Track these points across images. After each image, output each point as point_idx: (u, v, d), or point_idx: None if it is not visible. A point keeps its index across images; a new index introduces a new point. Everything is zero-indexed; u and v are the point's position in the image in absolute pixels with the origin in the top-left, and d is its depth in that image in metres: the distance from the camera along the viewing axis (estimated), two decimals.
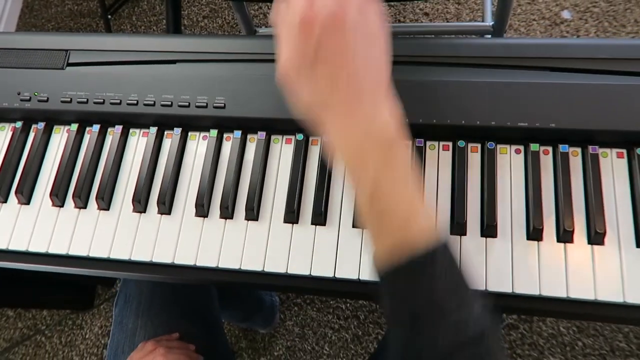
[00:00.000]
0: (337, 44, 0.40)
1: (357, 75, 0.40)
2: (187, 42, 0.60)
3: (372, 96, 0.41)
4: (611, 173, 0.53)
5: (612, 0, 1.47)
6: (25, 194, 0.59)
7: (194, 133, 0.60)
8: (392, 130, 0.41)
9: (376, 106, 0.41)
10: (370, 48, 0.41)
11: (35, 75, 0.61)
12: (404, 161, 0.41)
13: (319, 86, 0.41)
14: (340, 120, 0.41)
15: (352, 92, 0.40)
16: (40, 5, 1.79)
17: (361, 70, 0.40)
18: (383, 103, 0.41)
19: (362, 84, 0.40)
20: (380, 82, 0.41)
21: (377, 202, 0.40)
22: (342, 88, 0.40)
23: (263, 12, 1.62)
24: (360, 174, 0.41)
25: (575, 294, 0.49)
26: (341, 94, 0.40)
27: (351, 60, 0.40)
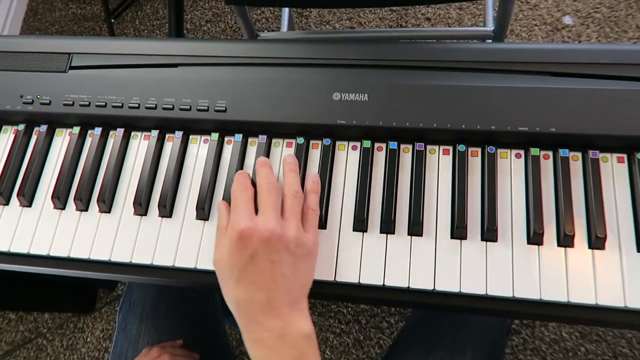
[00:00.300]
0: (269, 258, 0.47)
1: (278, 288, 0.47)
2: (189, 46, 0.61)
3: (288, 307, 0.47)
4: (611, 178, 0.53)
5: (614, 6, 1.47)
6: (27, 197, 0.59)
7: (195, 136, 0.60)
8: (304, 336, 0.47)
9: (291, 314, 0.47)
10: (297, 270, 0.49)
11: (38, 78, 0.61)
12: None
13: (244, 288, 0.48)
14: (260, 322, 0.47)
15: (272, 300, 0.47)
16: (44, 8, 1.80)
17: (283, 284, 0.47)
18: (298, 314, 0.48)
19: (281, 295, 0.47)
20: (297, 299, 0.49)
21: None
22: (263, 296, 0.47)
23: (265, 17, 1.63)
24: None
25: (575, 298, 0.49)
26: (262, 300, 0.47)
27: (277, 274, 0.47)
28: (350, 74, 0.57)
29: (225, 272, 0.49)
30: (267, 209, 0.50)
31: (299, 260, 0.49)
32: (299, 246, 0.49)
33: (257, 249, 0.47)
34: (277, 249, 0.48)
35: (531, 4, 1.51)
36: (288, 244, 0.48)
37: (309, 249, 0.50)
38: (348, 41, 0.59)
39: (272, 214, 0.50)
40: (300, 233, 0.50)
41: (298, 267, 0.49)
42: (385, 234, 0.53)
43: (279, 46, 0.59)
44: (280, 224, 0.49)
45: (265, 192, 0.51)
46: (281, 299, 0.47)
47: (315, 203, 0.53)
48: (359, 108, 0.55)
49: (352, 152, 0.57)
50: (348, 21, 1.58)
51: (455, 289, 0.50)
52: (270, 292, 0.47)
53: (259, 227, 0.48)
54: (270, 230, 0.48)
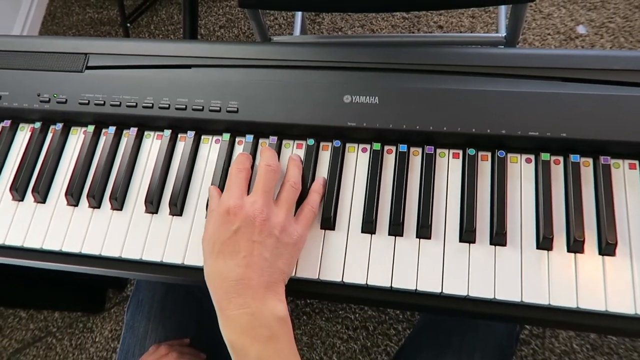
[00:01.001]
0: (250, 238, 0.48)
1: (255, 267, 0.48)
2: (202, 47, 0.61)
3: (264, 288, 0.48)
4: (623, 184, 0.53)
5: (629, 16, 1.47)
6: (41, 193, 0.60)
7: (207, 136, 0.61)
8: (277, 318, 0.47)
9: (266, 295, 0.47)
10: (278, 255, 0.49)
11: (55, 77, 0.63)
12: (288, 344, 0.47)
13: (223, 261, 0.48)
14: (233, 298, 0.47)
15: (247, 277, 0.47)
16: (62, 13, 1.83)
17: (260, 264, 0.48)
18: (273, 296, 0.48)
19: (257, 275, 0.48)
20: (273, 282, 0.48)
21: None
22: (240, 272, 0.47)
23: (278, 23, 1.64)
24: (244, 351, 0.46)
25: (585, 304, 0.48)
26: (238, 275, 0.47)
27: (257, 254, 0.48)
28: (361, 76, 0.57)
29: (208, 247, 0.50)
30: (258, 190, 0.51)
31: (282, 247, 0.49)
32: (283, 233, 0.50)
33: (240, 226, 0.49)
34: (260, 230, 0.49)
35: (544, 13, 1.51)
36: (272, 229, 0.49)
37: (294, 239, 0.50)
38: (359, 45, 0.59)
39: (262, 195, 0.51)
40: (287, 222, 0.50)
41: (280, 252, 0.49)
42: (393, 236, 0.53)
43: (290, 49, 0.60)
44: (268, 207, 0.50)
45: (262, 173, 0.52)
46: (257, 278, 0.47)
47: (315, 202, 0.54)
48: (369, 111, 0.56)
49: (361, 154, 0.58)
50: (360, 28, 1.59)
51: (463, 293, 0.50)
52: (247, 268, 0.47)
53: (246, 206, 0.50)
54: (257, 211, 0.49)
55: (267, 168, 0.52)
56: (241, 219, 0.49)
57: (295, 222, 0.52)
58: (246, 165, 0.54)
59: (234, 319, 0.47)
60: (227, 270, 0.48)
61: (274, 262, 0.49)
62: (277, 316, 0.47)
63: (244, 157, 0.55)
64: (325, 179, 0.56)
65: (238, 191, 0.51)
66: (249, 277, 0.47)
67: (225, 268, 0.48)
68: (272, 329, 0.47)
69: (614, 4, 1.49)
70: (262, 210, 0.49)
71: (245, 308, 0.46)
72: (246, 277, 0.47)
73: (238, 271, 0.47)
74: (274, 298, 0.48)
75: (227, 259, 0.48)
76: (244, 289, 0.47)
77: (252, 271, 0.48)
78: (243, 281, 0.47)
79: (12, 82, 0.63)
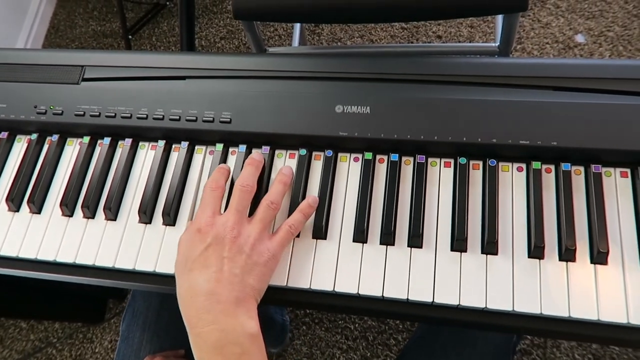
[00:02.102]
0: (221, 254, 0.49)
1: (225, 282, 0.48)
2: (196, 59, 0.62)
3: (234, 303, 0.47)
4: (615, 192, 0.53)
5: (627, 25, 1.47)
6: (36, 204, 0.60)
7: (200, 147, 0.61)
8: (248, 335, 0.47)
9: (236, 311, 0.47)
10: (249, 272, 0.49)
11: (51, 89, 0.64)
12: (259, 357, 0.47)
13: (193, 278, 0.49)
14: (203, 314, 0.47)
15: (217, 292, 0.47)
16: (65, 26, 1.86)
17: (230, 280, 0.48)
18: (244, 312, 0.48)
19: (227, 290, 0.47)
20: (244, 299, 0.48)
21: None
22: (209, 287, 0.47)
23: (278, 34, 1.66)
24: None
25: (577, 314, 0.48)
26: (208, 291, 0.47)
27: (227, 269, 0.48)
28: (353, 87, 0.58)
29: (180, 267, 0.51)
30: (231, 209, 0.52)
31: (252, 264, 0.49)
32: (254, 251, 0.50)
33: (210, 243, 0.49)
34: (230, 247, 0.49)
35: (543, 23, 1.52)
36: (243, 246, 0.50)
37: (265, 257, 0.50)
38: (352, 56, 0.60)
39: (234, 214, 0.51)
40: (259, 240, 0.51)
41: (250, 269, 0.49)
42: (385, 245, 0.53)
43: (282, 60, 0.61)
44: (240, 225, 0.51)
45: (236, 193, 0.53)
46: (226, 294, 0.47)
47: (296, 222, 0.53)
48: (361, 120, 0.56)
49: (353, 163, 0.58)
50: (360, 39, 1.60)
51: (455, 302, 0.50)
52: (217, 283, 0.47)
53: (218, 225, 0.50)
54: (228, 229, 0.50)
55: (242, 188, 0.53)
56: (212, 237, 0.50)
57: (270, 240, 0.52)
58: (220, 184, 0.54)
59: (204, 337, 0.46)
60: (197, 286, 0.48)
61: (244, 278, 0.48)
62: (248, 333, 0.47)
63: (218, 174, 0.55)
64: (315, 198, 0.55)
65: (210, 210, 0.52)
66: (218, 292, 0.47)
67: (195, 284, 0.48)
68: (243, 346, 0.46)
69: (613, 12, 1.50)
70: (233, 228, 0.50)
71: (215, 324, 0.46)
72: (216, 292, 0.47)
73: (208, 286, 0.47)
74: (245, 314, 0.47)
75: (197, 275, 0.48)
76: (214, 305, 0.47)
77: (222, 286, 0.47)
78: (213, 296, 0.47)
79: (10, 94, 0.64)
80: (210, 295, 0.47)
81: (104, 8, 1.86)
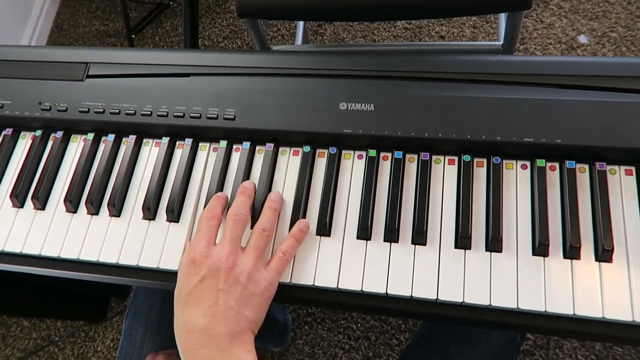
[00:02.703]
0: (215, 287, 0.48)
1: (220, 316, 0.47)
2: (201, 56, 0.62)
3: (229, 338, 0.47)
4: (619, 190, 0.52)
5: (630, 26, 1.47)
6: (40, 200, 0.60)
7: (204, 144, 0.61)
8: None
9: (232, 345, 0.47)
10: (245, 304, 0.48)
11: (56, 86, 0.64)
12: None
13: (188, 312, 0.48)
14: (198, 350, 0.46)
15: (212, 327, 0.47)
16: (69, 25, 1.86)
17: (225, 313, 0.47)
18: (240, 346, 0.47)
19: (222, 325, 0.47)
20: (240, 332, 0.48)
21: None
22: (204, 322, 0.47)
23: (281, 34, 1.66)
24: None
25: (581, 311, 0.48)
26: (203, 326, 0.47)
27: (222, 303, 0.47)
28: (357, 84, 0.58)
29: (176, 299, 0.50)
30: (225, 238, 0.51)
31: (249, 295, 0.49)
32: (250, 281, 0.49)
33: (205, 276, 0.49)
34: (225, 279, 0.48)
35: (546, 23, 1.51)
36: (238, 277, 0.49)
37: (262, 287, 0.50)
38: (357, 53, 0.60)
39: (229, 244, 0.51)
40: (255, 269, 0.50)
41: (247, 300, 0.48)
42: (389, 242, 0.53)
43: (286, 57, 0.61)
44: (234, 255, 0.50)
45: (230, 222, 0.52)
46: (222, 329, 0.47)
47: (289, 247, 0.53)
48: (365, 117, 0.56)
49: (357, 161, 0.58)
50: (362, 39, 1.60)
51: (459, 300, 0.50)
52: (212, 318, 0.47)
53: (212, 256, 0.50)
54: (222, 260, 0.49)
55: (235, 218, 0.52)
56: (206, 269, 0.49)
57: (265, 269, 0.51)
58: (216, 213, 0.53)
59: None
60: (192, 321, 0.48)
61: (240, 310, 0.48)
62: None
63: (215, 202, 0.55)
64: (306, 222, 0.55)
65: (205, 241, 0.51)
66: (214, 327, 0.47)
67: (191, 319, 0.48)
68: None
69: (616, 13, 1.49)
70: (227, 259, 0.49)
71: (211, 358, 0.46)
72: (211, 327, 0.47)
73: (203, 321, 0.47)
74: (241, 348, 0.47)
75: (192, 310, 0.48)
76: (210, 340, 0.46)
77: (218, 321, 0.47)
78: (208, 331, 0.47)
79: (14, 91, 0.64)
80: (205, 331, 0.47)
81: (107, 8, 1.87)
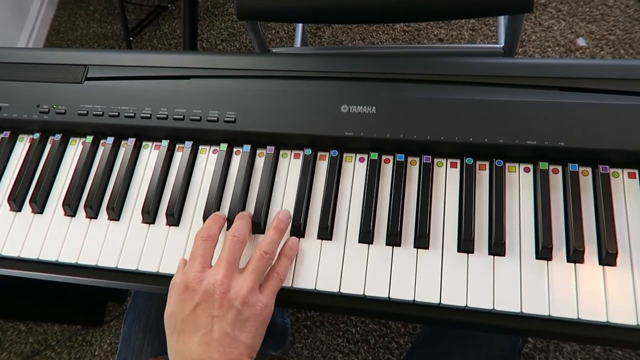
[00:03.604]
0: (210, 313, 0.47)
1: (216, 344, 0.46)
2: (201, 58, 0.62)
3: None
4: (622, 193, 0.52)
5: (628, 28, 1.47)
6: (39, 203, 0.60)
7: (204, 147, 0.61)
8: None
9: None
10: (241, 329, 0.47)
11: (54, 88, 0.63)
12: None
13: (183, 340, 0.47)
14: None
15: (208, 357, 0.45)
16: (66, 27, 1.86)
17: (221, 341, 0.46)
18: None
19: (218, 354, 0.46)
20: (236, 357, 0.46)
21: None
22: (200, 351, 0.46)
23: (280, 37, 1.65)
24: None
25: (586, 316, 0.48)
26: (198, 356, 0.46)
27: (217, 329, 0.46)
28: (358, 86, 0.57)
29: (169, 325, 0.49)
30: (221, 260, 0.50)
31: (244, 320, 0.47)
32: (246, 305, 0.47)
33: (199, 302, 0.47)
34: (220, 304, 0.47)
35: (544, 26, 1.52)
36: (233, 301, 0.47)
37: (258, 311, 0.48)
38: (358, 56, 0.60)
39: (225, 266, 0.49)
40: (251, 293, 0.48)
41: (242, 325, 0.47)
42: (391, 246, 0.53)
43: (287, 59, 0.60)
44: (231, 279, 0.48)
45: (228, 243, 0.51)
46: (218, 356, 0.45)
47: (283, 268, 0.52)
48: (366, 120, 0.56)
49: (359, 164, 0.57)
50: (361, 41, 1.60)
51: (462, 304, 0.49)
52: (207, 347, 0.46)
53: (207, 280, 0.48)
54: (217, 284, 0.47)
55: (233, 239, 0.51)
56: (200, 294, 0.47)
57: (260, 291, 0.50)
58: (211, 233, 0.52)
59: None
60: (187, 350, 0.46)
61: (236, 336, 0.47)
62: None
63: (212, 222, 0.53)
64: (295, 240, 0.54)
65: (199, 264, 0.50)
66: (209, 356, 0.45)
67: (186, 348, 0.46)
68: None
69: (614, 16, 1.50)
70: (222, 282, 0.48)
71: None
72: (207, 356, 0.45)
73: (199, 351, 0.46)
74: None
75: (187, 338, 0.47)
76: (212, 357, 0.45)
77: (213, 349, 0.46)
78: (208, 353, 0.45)
79: (12, 93, 0.64)
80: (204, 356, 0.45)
81: (105, 10, 1.86)
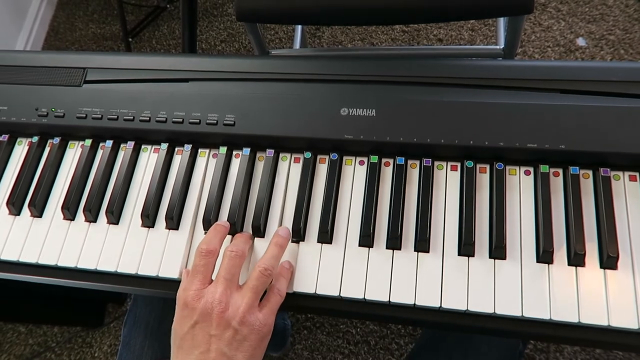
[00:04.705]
0: (208, 332, 0.47)
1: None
2: (200, 61, 0.62)
3: None
4: (623, 196, 0.52)
5: (628, 28, 1.47)
6: (37, 207, 0.59)
7: (204, 150, 0.61)
8: None
9: None
10: (238, 348, 0.47)
11: (53, 92, 0.63)
12: None
13: (183, 357, 0.47)
14: None
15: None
16: (65, 28, 1.85)
17: None
18: None
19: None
20: None
21: None
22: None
23: (279, 37, 1.65)
24: None
25: (587, 319, 0.47)
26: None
27: (214, 349, 0.46)
28: (358, 89, 0.57)
29: (172, 339, 0.49)
30: (220, 277, 0.49)
31: (242, 339, 0.47)
32: (243, 324, 0.47)
33: (198, 321, 0.47)
34: (217, 323, 0.47)
35: (544, 26, 1.51)
36: (231, 320, 0.47)
37: (256, 329, 0.48)
38: (358, 58, 0.59)
39: (223, 283, 0.49)
40: (249, 311, 0.48)
41: (239, 345, 0.47)
42: (391, 249, 0.53)
43: (286, 62, 0.60)
44: (229, 297, 0.48)
45: (226, 260, 0.50)
46: None
47: (282, 286, 0.51)
48: (366, 123, 0.56)
49: (359, 167, 0.57)
50: (360, 42, 1.59)
51: (462, 308, 0.49)
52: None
53: (205, 298, 0.48)
54: (215, 302, 0.47)
55: (231, 254, 0.50)
56: (199, 313, 0.47)
57: (259, 310, 0.49)
58: (211, 247, 0.51)
59: None
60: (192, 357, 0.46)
61: (233, 356, 0.46)
62: None
63: (213, 234, 0.52)
64: (290, 263, 0.53)
65: (199, 281, 0.49)
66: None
67: (190, 356, 0.46)
68: None
69: (614, 16, 1.50)
70: (220, 302, 0.47)
71: None
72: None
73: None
74: None
75: (184, 356, 0.47)
76: None
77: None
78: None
79: (11, 96, 0.63)
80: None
81: (103, 11, 1.86)
